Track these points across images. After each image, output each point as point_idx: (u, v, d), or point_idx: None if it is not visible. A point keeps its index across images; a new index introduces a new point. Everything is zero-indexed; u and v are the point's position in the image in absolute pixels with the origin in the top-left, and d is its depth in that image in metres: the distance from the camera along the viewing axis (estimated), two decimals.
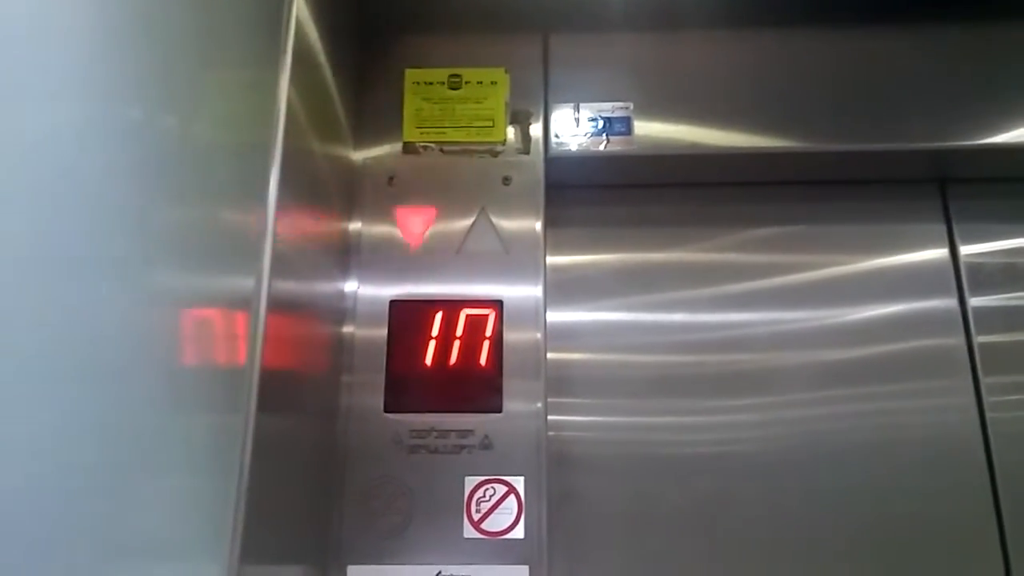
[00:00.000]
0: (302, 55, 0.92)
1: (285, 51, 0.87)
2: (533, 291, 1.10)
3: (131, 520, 0.61)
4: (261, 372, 0.76)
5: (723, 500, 1.14)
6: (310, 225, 0.96)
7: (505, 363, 1.06)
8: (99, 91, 0.59)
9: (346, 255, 1.11)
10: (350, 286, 1.10)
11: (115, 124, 0.61)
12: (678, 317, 1.23)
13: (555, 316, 1.17)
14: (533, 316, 1.08)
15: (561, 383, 1.17)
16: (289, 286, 0.87)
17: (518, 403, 1.05)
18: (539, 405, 1.05)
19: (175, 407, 0.67)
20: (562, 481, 1.13)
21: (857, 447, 1.15)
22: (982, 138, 1.18)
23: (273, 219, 0.81)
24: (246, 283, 0.78)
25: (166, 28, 0.69)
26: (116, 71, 0.61)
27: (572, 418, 1.17)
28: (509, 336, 1.07)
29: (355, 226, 1.13)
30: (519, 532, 0.99)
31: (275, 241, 0.81)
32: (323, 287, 1.02)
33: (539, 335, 1.08)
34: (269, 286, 0.79)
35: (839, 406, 1.18)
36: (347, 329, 1.08)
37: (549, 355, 1.10)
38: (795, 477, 1.15)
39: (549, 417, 1.07)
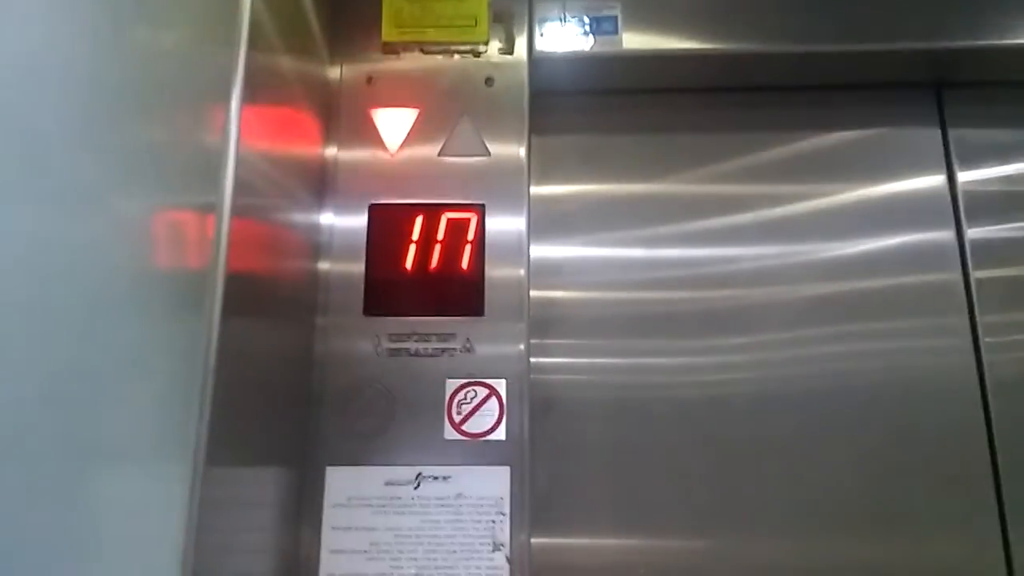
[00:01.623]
0: None
1: None
2: (517, 195, 1.07)
3: (97, 424, 0.61)
4: (226, 275, 0.74)
5: (712, 437, 1.12)
6: (279, 138, 0.94)
7: (487, 266, 1.04)
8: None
9: (323, 175, 1.08)
10: (326, 212, 1.07)
11: (79, 36, 0.59)
12: (663, 252, 1.19)
13: (534, 251, 1.11)
14: (516, 220, 1.06)
15: (542, 322, 1.14)
16: (257, 198, 0.85)
17: (500, 305, 1.03)
18: (522, 306, 1.03)
19: (138, 313, 0.66)
20: (545, 411, 1.11)
21: (848, 386, 1.13)
22: (983, 38, 1.13)
23: (236, 133, 0.78)
24: (211, 195, 0.76)
25: None
26: None
27: (555, 359, 1.15)
28: (491, 239, 1.05)
29: (332, 148, 1.10)
30: (500, 434, 0.98)
31: (239, 145, 0.78)
32: (296, 199, 1.00)
33: (522, 228, 1.06)
34: (233, 195, 0.77)
35: (830, 344, 1.15)
36: (324, 243, 1.06)
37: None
38: (786, 415, 1.12)
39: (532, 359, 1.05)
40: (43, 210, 0.55)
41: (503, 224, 1.06)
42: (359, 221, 1.07)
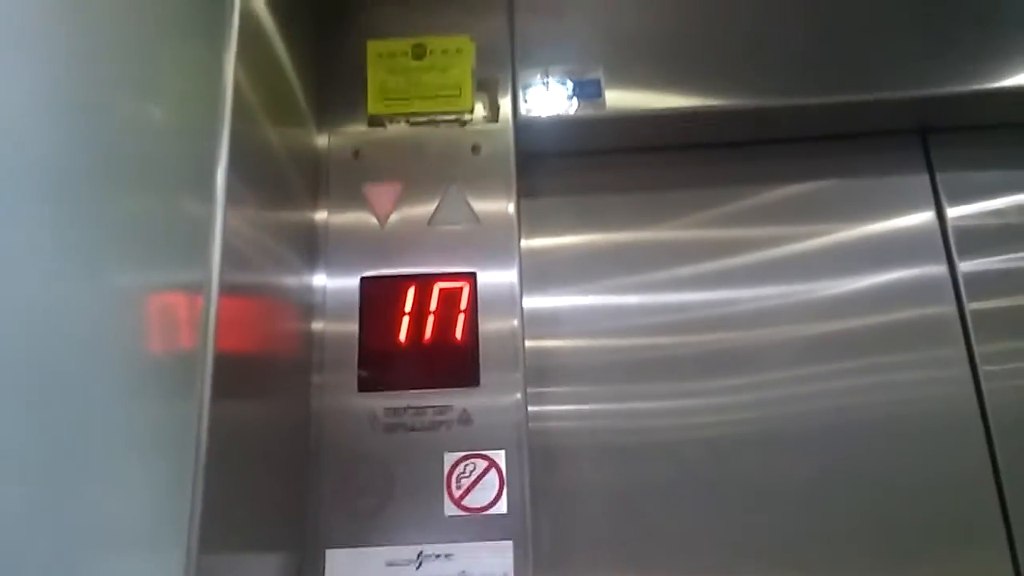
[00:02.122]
0: (251, 31, 0.88)
1: (231, 26, 0.84)
2: (507, 259, 1.07)
3: (88, 512, 0.60)
4: (216, 357, 0.73)
5: (715, 479, 1.11)
6: (267, 206, 0.94)
7: (481, 335, 1.03)
8: (51, 75, 0.58)
9: (314, 239, 1.08)
10: (319, 275, 1.08)
11: (67, 110, 0.60)
12: (659, 298, 1.19)
13: (529, 302, 1.12)
14: (508, 288, 1.06)
15: (540, 372, 1.13)
16: (246, 271, 0.84)
17: (495, 375, 1.02)
18: (518, 375, 1.02)
19: (127, 397, 0.65)
20: (546, 461, 1.10)
21: (849, 422, 1.12)
22: (964, 84, 1.14)
23: (223, 205, 0.78)
24: (199, 270, 0.75)
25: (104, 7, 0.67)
26: (65, 54, 0.60)
27: (552, 407, 1.14)
28: (484, 306, 1.05)
29: (322, 212, 1.10)
30: (502, 507, 0.97)
31: (226, 218, 0.78)
32: (287, 265, 0.99)
33: (515, 294, 1.05)
34: (221, 271, 0.76)
35: (829, 382, 1.14)
36: (317, 307, 1.06)
37: (526, 343, 1.06)
38: (789, 454, 1.11)
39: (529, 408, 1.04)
40: (30, 293, 0.54)
41: (496, 291, 1.06)
42: (351, 289, 1.07)
